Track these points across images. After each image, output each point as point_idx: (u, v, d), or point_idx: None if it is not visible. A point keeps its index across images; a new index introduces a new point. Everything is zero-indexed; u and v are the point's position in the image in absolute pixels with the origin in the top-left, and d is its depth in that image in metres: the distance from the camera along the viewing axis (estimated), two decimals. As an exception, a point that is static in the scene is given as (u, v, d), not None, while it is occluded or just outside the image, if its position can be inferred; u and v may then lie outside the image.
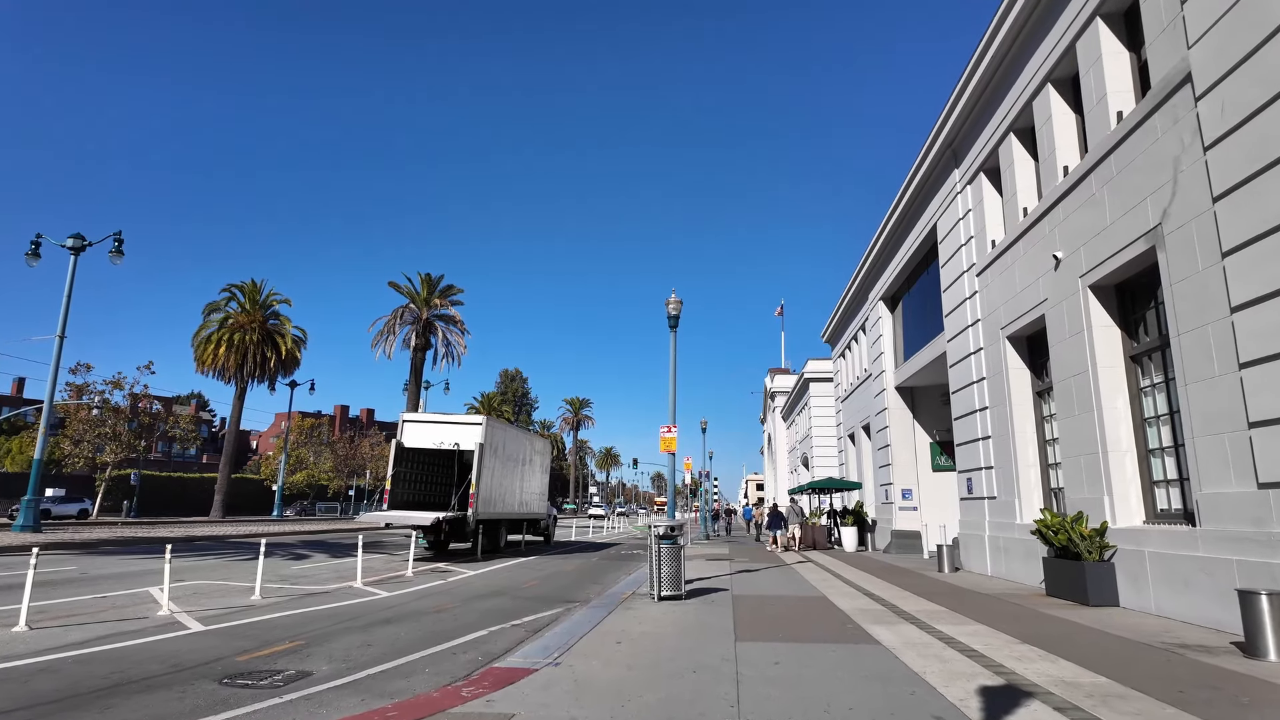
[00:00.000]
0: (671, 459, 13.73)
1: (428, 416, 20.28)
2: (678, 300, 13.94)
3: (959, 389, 16.56)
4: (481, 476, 19.41)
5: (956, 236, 16.51)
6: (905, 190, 19.88)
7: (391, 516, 18.84)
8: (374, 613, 10.04)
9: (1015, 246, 13.48)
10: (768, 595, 11.73)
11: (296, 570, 15.59)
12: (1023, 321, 13.23)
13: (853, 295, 28.49)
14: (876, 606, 10.38)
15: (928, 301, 20.40)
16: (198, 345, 40.24)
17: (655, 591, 10.82)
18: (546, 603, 11.44)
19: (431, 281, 40.18)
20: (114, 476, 49.74)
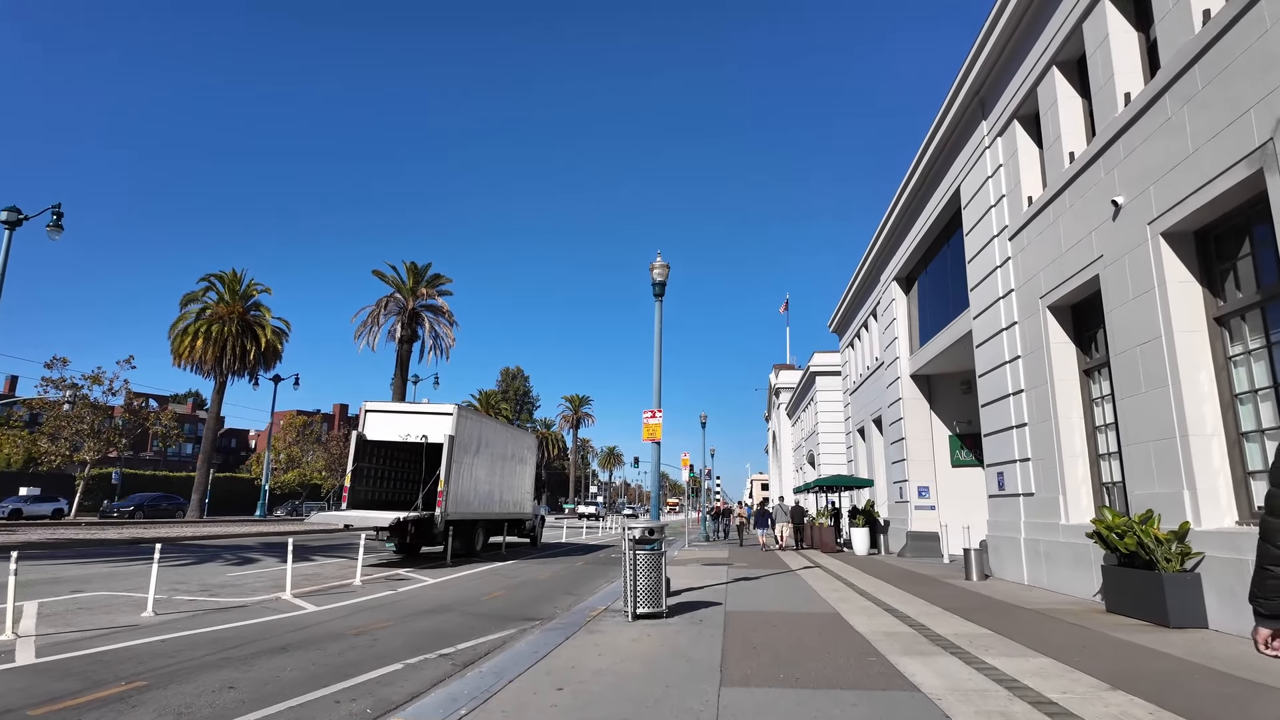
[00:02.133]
0: (655, 448, 11.76)
1: (393, 406, 18.36)
2: (664, 264, 11.97)
3: (987, 371, 14.53)
4: (452, 472, 17.47)
5: (984, 198, 14.49)
6: (922, 155, 17.87)
7: (350, 517, 16.92)
8: (277, 636, 8.10)
9: (1059, 199, 11.47)
10: (768, 611, 9.75)
11: (229, 578, 13.67)
12: (1069, 286, 11.21)
13: (862, 278, 26.46)
14: (902, 627, 8.39)
15: (947, 278, 18.38)
16: (174, 338, 38.43)
17: (629, 609, 8.86)
18: (499, 621, 9.49)
19: (418, 270, 38.28)
20: (94, 475, 48.06)
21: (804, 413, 47.70)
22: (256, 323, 39.60)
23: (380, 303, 37.27)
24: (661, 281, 12.00)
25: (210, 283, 39.37)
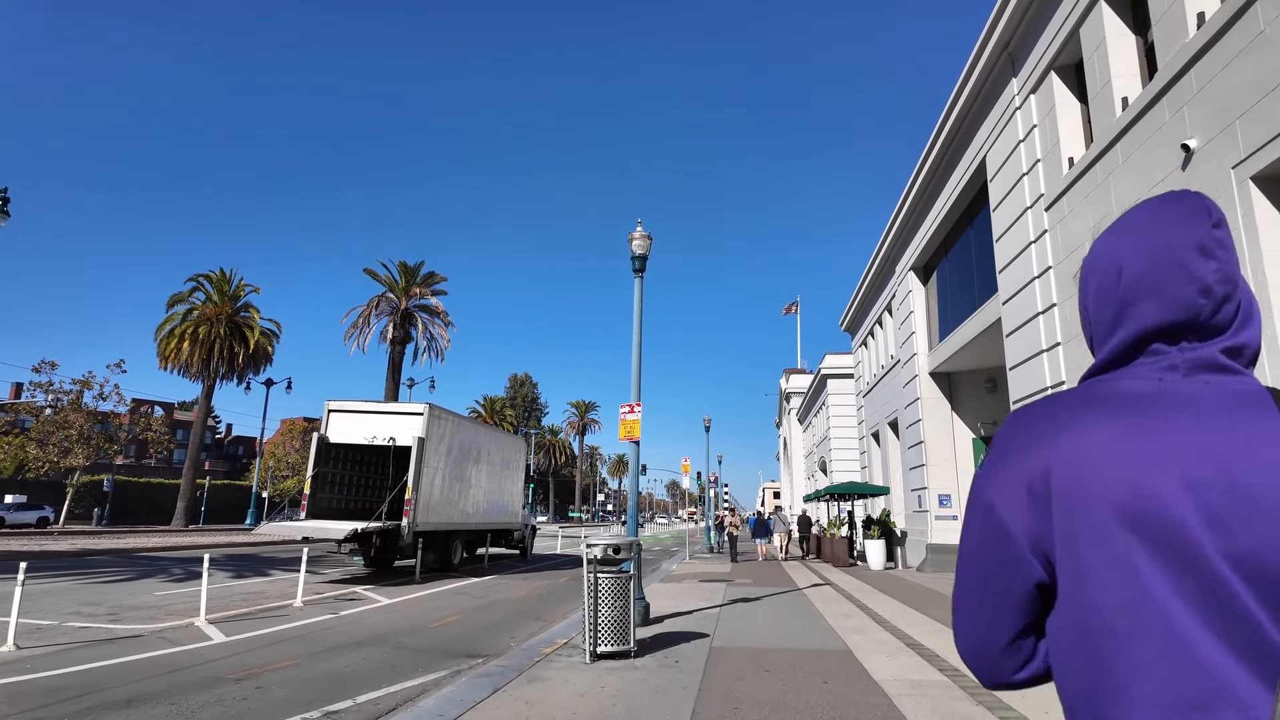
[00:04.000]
0: (634, 449, 10.05)
1: (358, 406, 16.75)
2: (644, 235, 10.27)
3: (1020, 363, 12.73)
4: (422, 478, 15.83)
5: (1015, 166, 12.72)
6: (942, 126, 16.11)
7: (306, 527, 15.30)
8: (138, 680, 6.45)
9: (1110, 154, 9.70)
10: (763, 648, 7.99)
11: (154, 598, 12.05)
12: (1123, 257, 9.40)
13: (876, 270, 24.66)
14: (932, 673, 6.62)
15: (971, 263, 16.60)
16: (160, 340, 37.12)
17: (589, 645, 7.13)
18: (434, 659, 7.78)
19: (411, 269, 36.79)
20: (86, 483, 46.89)
21: (815, 418, 45.86)
22: (245, 324, 38.23)
23: (371, 302, 35.80)
24: (642, 255, 10.31)
25: (198, 283, 38.08)
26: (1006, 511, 0.92)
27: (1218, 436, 0.85)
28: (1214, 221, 0.94)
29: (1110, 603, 0.84)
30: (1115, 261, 0.98)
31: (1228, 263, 0.92)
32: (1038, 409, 0.96)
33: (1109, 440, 0.87)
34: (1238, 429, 0.85)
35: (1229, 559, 0.80)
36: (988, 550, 0.95)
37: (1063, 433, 0.90)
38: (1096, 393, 0.93)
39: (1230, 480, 0.82)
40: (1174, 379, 0.91)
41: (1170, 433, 0.86)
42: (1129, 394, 0.91)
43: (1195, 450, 0.84)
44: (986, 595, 0.95)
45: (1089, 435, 0.88)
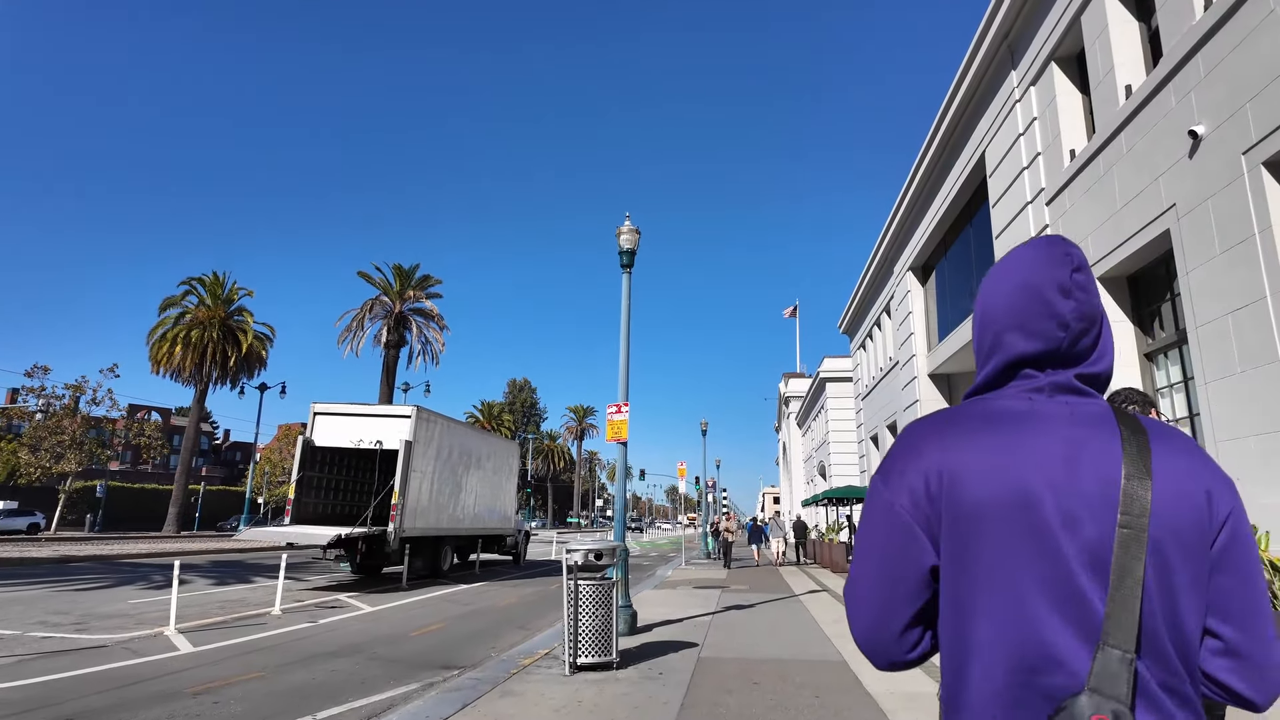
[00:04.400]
0: (621, 451, 9.68)
1: (344, 408, 16.38)
2: (633, 229, 9.92)
3: (1021, 362, 12.36)
4: (410, 482, 15.45)
5: (1015, 160, 12.40)
6: (940, 122, 15.80)
7: (292, 533, 14.91)
8: (89, 695, 6.09)
9: (1113, 144, 9.37)
10: (753, 659, 7.62)
11: (128, 606, 11.67)
12: (1127, 250, 9.09)
13: (874, 272, 24.33)
14: (932, 686, 6.26)
15: (971, 262, 16.28)
16: (152, 344, 36.77)
17: (568, 657, 6.77)
18: (407, 671, 7.41)
19: (405, 272, 36.43)
20: (79, 488, 46.49)
21: (814, 422, 45.52)
22: (239, 328, 37.87)
23: (365, 305, 35.44)
24: (630, 250, 9.96)
25: (190, 286, 37.73)
26: (905, 509, 1.07)
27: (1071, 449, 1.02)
28: (1075, 266, 1.09)
29: (979, 585, 1.00)
30: (994, 297, 1.15)
31: (1085, 303, 1.08)
32: (930, 421, 1.12)
33: (986, 449, 1.04)
34: (1085, 443, 1.03)
35: (1075, 549, 0.98)
36: (889, 543, 1.08)
37: (950, 442, 1.06)
38: (978, 409, 1.11)
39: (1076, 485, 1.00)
40: (1040, 399, 1.09)
41: (1035, 444, 1.03)
42: (1003, 411, 1.09)
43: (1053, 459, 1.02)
44: (885, 585, 1.07)
45: (971, 444, 1.05)
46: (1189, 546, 0.99)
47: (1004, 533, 1.00)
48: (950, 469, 1.04)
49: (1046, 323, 1.09)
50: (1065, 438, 1.04)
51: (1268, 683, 1.00)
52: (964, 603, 1.02)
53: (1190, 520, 0.99)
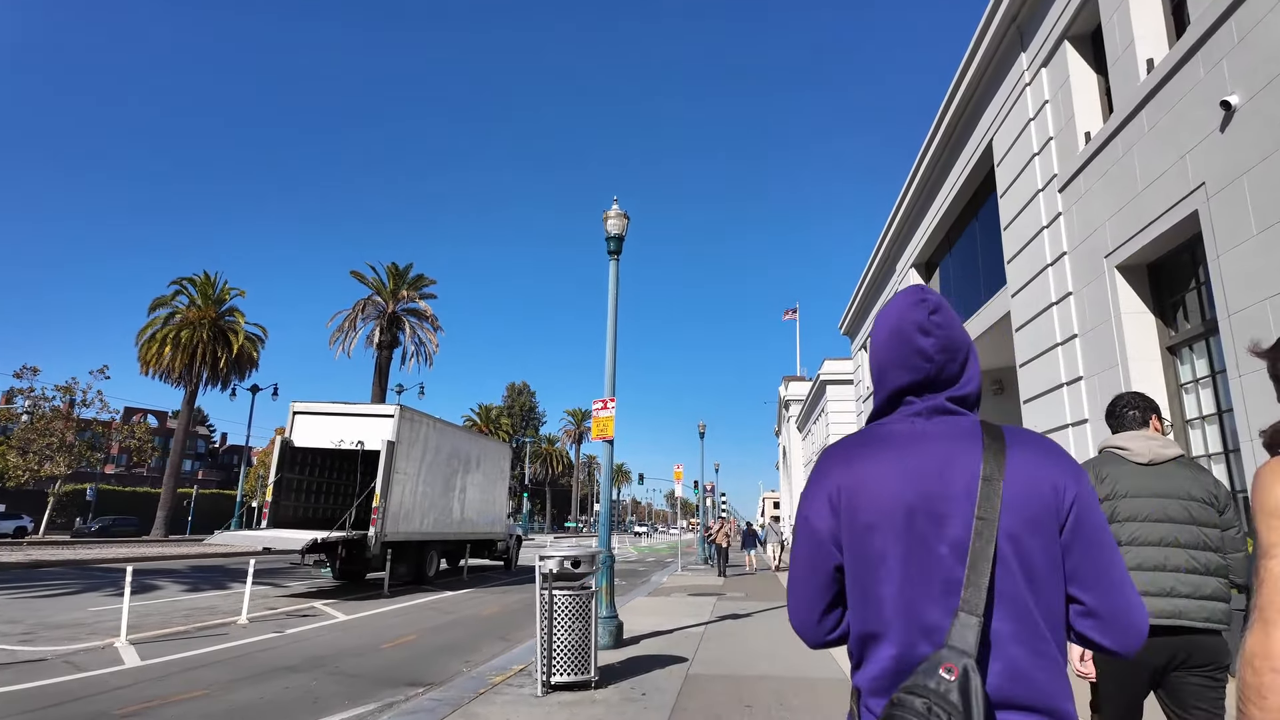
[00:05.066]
0: (608, 450, 9.06)
1: (325, 407, 15.77)
2: (620, 214, 9.31)
3: (1031, 359, 11.77)
4: (393, 485, 14.83)
5: (1025, 147, 11.81)
6: (945, 111, 15.21)
7: (266, 537, 14.27)
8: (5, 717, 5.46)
9: (1134, 122, 8.77)
10: (747, 676, 6.98)
11: (85, 614, 11.05)
12: (1148, 236, 8.48)
13: (877, 268, 23.72)
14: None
15: (976, 257, 15.68)
16: (141, 345, 36.16)
17: (542, 675, 6.13)
18: (368, 688, 6.78)
19: (400, 272, 35.86)
20: (68, 491, 45.83)
21: (814, 425, 44.89)
22: (230, 328, 37.26)
23: (357, 306, 34.84)
24: (618, 235, 9.35)
25: (181, 286, 37.12)
26: (817, 521, 1.35)
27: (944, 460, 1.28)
28: (931, 309, 1.37)
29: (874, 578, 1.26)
30: (876, 343, 1.45)
31: (944, 338, 1.35)
32: (837, 446, 1.39)
33: (878, 466, 1.31)
34: (956, 454, 1.29)
35: (946, 543, 1.23)
36: (809, 550, 1.36)
37: (850, 462, 1.34)
38: (873, 433, 1.38)
39: (947, 490, 1.25)
40: (920, 421, 1.35)
41: (915, 460, 1.29)
42: (891, 434, 1.35)
43: (930, 470, 1.28)
44: (810, 583, 1.36)
45: (866, 463, 1.32)
46: (1041, 529, 1.22)
47: (891, 535, 1.26)
48: (848, 485, 1.31)
49: (914, 358, 1.34)
50: (940, 452, 1.29)
51: (1127, 636, 1.23)
52: (864, 593, 1.27)
53: (1039, 508, 1.23)
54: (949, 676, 1.10)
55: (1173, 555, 2.79)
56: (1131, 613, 1.22)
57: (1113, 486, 2.90)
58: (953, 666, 1.11)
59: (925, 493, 1.25)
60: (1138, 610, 1.23)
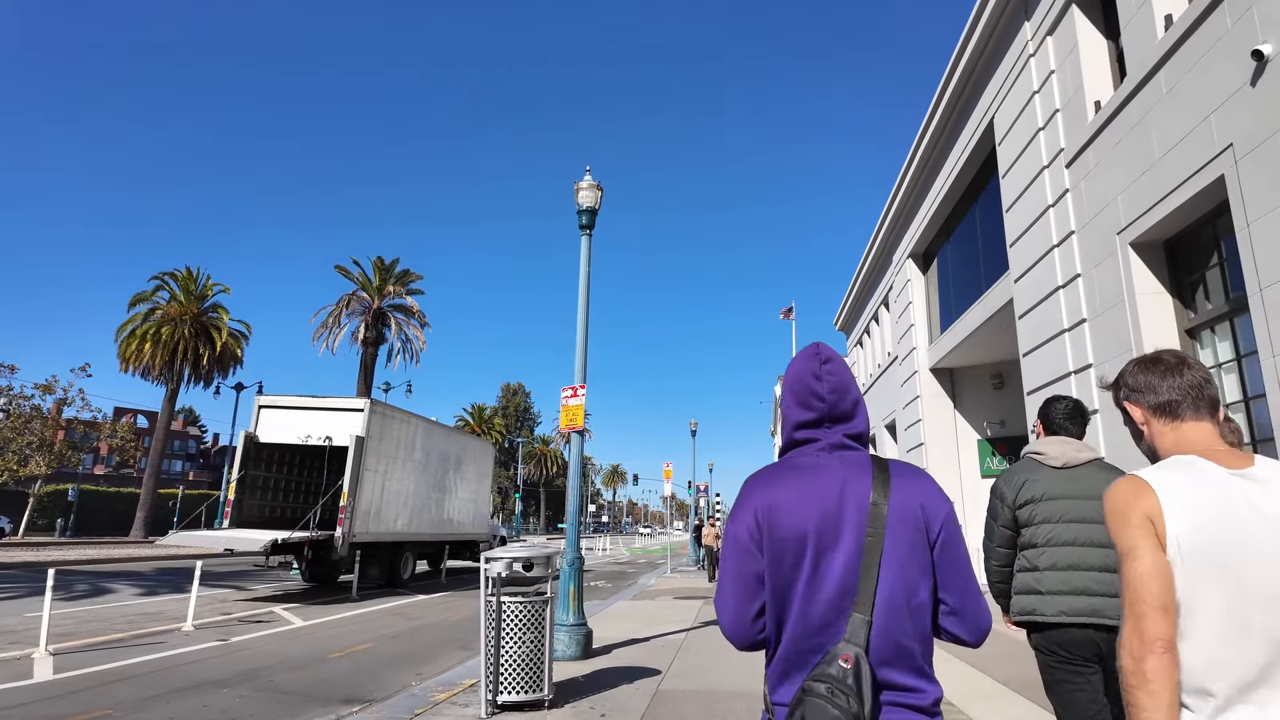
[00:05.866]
0: (578, 441, 8.32)
1: (292, 400, 15.01)
2: (593, 185, 8.57)
3: (1035, 348, 11.06)
4: (362, 483, 14.07)
5: (1029, 122, 11.10)
6: (943, 91, 14.50)
7: (223, 537, 13.51)
8: None
9: (1150, 85, 8.06)
10: (726, 692, 6.25)
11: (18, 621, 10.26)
12: (1168, 207, 7.76)
13: (872, 262, 23.01)
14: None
15: (976, 244, 14.97)
16: (121, 342, 35.29)
17: (487, 694, 5.38)
18: (298, 705, 6.03)
19: (385, 266, 35.05)
20: (49, 492, 44.96)
21: (809, 424, 44.09)
22: (213, 325, 36.41)
23: (341, 301, 34.02)
24: (590, 208, 8.61)
25: (162, 281, 36.24)
26: (744, 537, 1.59)
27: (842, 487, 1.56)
28: (823, 360, 1.70)
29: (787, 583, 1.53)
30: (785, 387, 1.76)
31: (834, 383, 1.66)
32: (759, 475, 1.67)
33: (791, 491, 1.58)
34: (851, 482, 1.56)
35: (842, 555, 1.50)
36: (739, 562, 1.60)
37: (768, 488, 1.61)
38: (788, 464, 1.66)
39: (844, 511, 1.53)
40: (823, 455, 1.64)
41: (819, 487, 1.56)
42: (801, 465, 1.63)
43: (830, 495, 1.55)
44: (739, 590, 1.59)
45: (782, 489, 1.59)
46: (915, 545, 1.52)
47: (799, 548, 1.53)
48: (767, 506, 1.58)
49: (811, 399, 1.68)
50: (838, 479, 1.57)
51: (978, 629, 1.56)
52: (779, 595, 1.54)
53: (914, 527, 1.53)
54: (845, 665, 1.40)
55: (1088, 555, 2.90)
56: (980, 612, 1.56)
57: (1030, 491, 3.04)
58: (849, 657, 1.41)
59: (826, 513, 1.54)
60: (984, 611, 1.57)
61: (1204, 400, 1.61)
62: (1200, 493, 1.44)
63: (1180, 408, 1.61)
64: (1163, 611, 1.37)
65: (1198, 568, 1.39)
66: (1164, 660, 1.35)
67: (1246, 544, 1.38)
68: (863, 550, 1.48)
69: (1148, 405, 1.66)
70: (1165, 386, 1.64)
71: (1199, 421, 1.60)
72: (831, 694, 1.34)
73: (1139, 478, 1.51)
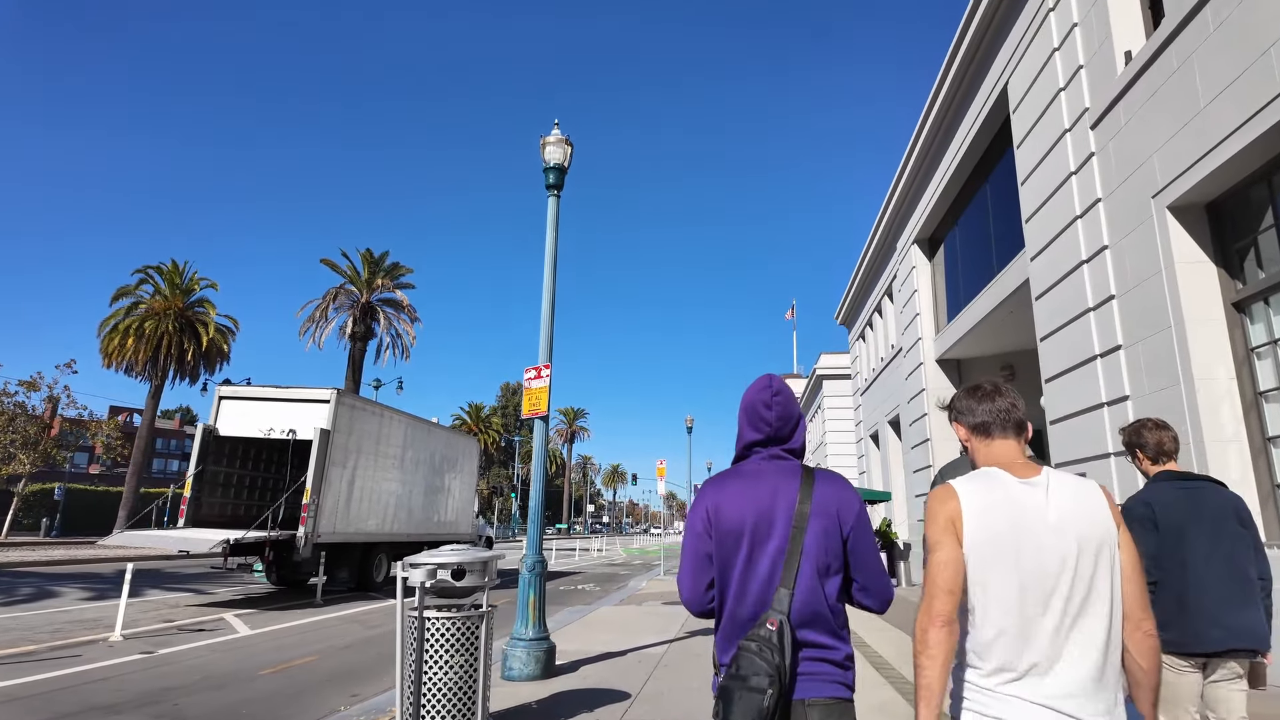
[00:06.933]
0: (541, 428, 7.34)
1: (254, 391, 14.08)
2: (562, 139, 7.59)
3: (1055, 330, 10.07)
4: (328, 479, 13.11)
5: (1049, 83, 10.12)
6: (951, 59, 13.51)
7: (175, 537, 12.55)
8: None
9: (1194, 23, 7.09)
10: None
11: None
12: (1212, 162, 6.79)
13: (875, 251, 22.01)
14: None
15: (987, 225, 14.00)
16: (104, 337, 34.38)
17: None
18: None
19: (374, 259, 34.08)
20: (34, 491, 44.04)
21: (810, 422, 43.17)
22: (199, 319, 35.48)
23: (328, 295, 33.06)
24: (558, 166, 7.62)
25: (146, 275, 35.31)
26: (699, 526, 2.07)
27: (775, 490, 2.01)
28: (774, 391, 2.17)
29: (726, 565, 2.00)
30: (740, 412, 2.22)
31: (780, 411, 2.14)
32: (713, 478, 2.16)
33: (735, 492, 2.04)
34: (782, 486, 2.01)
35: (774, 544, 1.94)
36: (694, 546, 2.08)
37: (717, 490, 2.09)
38: (735, 470, 2.14)
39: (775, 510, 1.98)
40: (764, 464, 2.10)
41: (758, 489, 2.02)
42: (745, 471, 2.10)
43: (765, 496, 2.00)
44: (694, 567, 2.07)
45: (725, 490, 2.06)
46: (830, 536, 1.95)
47: (739, 537, 1.99)
48: (716, 503, 2.05)
49: (760, 422, 2.15)
50: (773, 484, 2.03)
51: (882, 599, 2.01)
52: (723, 575, 2.01)
53: (830, 522, 1.96)
54: (772, 628, 1.83)
55: None
56: (883, 588, 2.02)
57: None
58: (775, 622, 1.84)
59: (761, 510, 2.00)
60: (887, 586, 2.02)
61: (1010, 423, 1.96)
62: (994, 498, 1.82)
63: (991, 428, 1.96)
64: (948, 594, 1.76)
65: (989, 556, 1.77)
66: (942, 633, 1.73)
67: (1024, 537, 1.76)
68: (788, 540, 1.95)
69: (968, 425, 2.02)
70: (980, 410, 1.99)
71: (1005, 439, 1.95)
72: (760, 650, 1.81)
73: (949, 486, 1.89)
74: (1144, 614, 1.78)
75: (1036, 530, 1.73)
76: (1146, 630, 1.77)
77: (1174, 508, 3.07)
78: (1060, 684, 1.67)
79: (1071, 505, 1.76)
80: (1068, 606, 1.70)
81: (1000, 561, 1.73)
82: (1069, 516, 1.75)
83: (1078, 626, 1.70)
